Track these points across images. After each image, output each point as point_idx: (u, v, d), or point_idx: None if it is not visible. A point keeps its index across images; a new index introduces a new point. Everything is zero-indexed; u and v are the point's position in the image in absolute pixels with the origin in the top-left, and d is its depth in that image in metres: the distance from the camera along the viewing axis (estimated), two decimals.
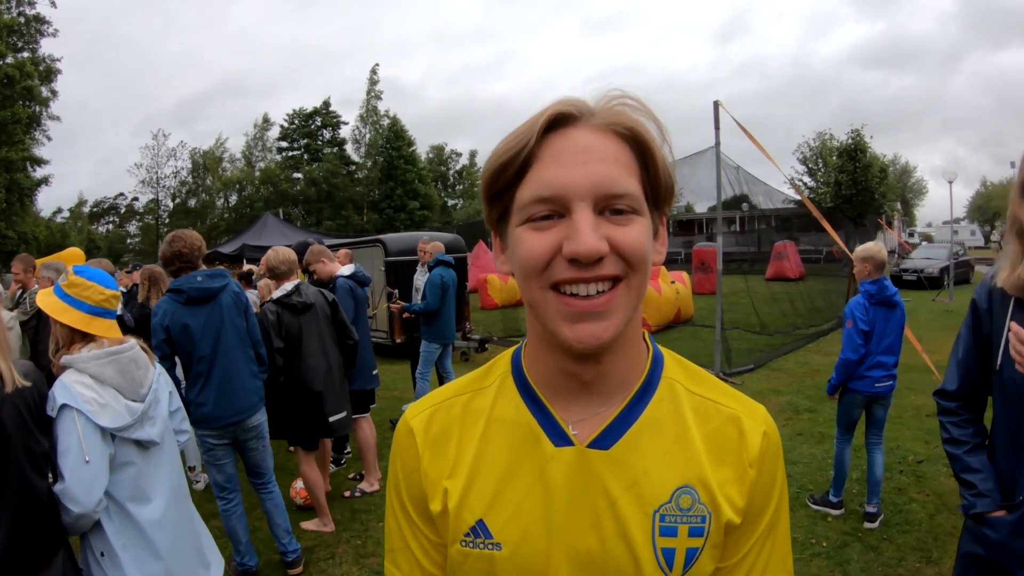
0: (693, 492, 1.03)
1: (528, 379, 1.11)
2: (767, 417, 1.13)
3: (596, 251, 0.91)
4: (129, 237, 61.88)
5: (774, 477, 1.10)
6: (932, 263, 25.69)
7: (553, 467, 1.04)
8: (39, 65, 38.98)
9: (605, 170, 0.94)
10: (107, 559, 2.70)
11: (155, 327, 4.43)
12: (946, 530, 5.05)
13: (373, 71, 59.67)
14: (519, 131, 0.98)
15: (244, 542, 4.77)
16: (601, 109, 0.99)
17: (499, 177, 0.99)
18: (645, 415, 1.06)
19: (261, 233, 23.17)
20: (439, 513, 1.10)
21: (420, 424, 1.15)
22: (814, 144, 42.61)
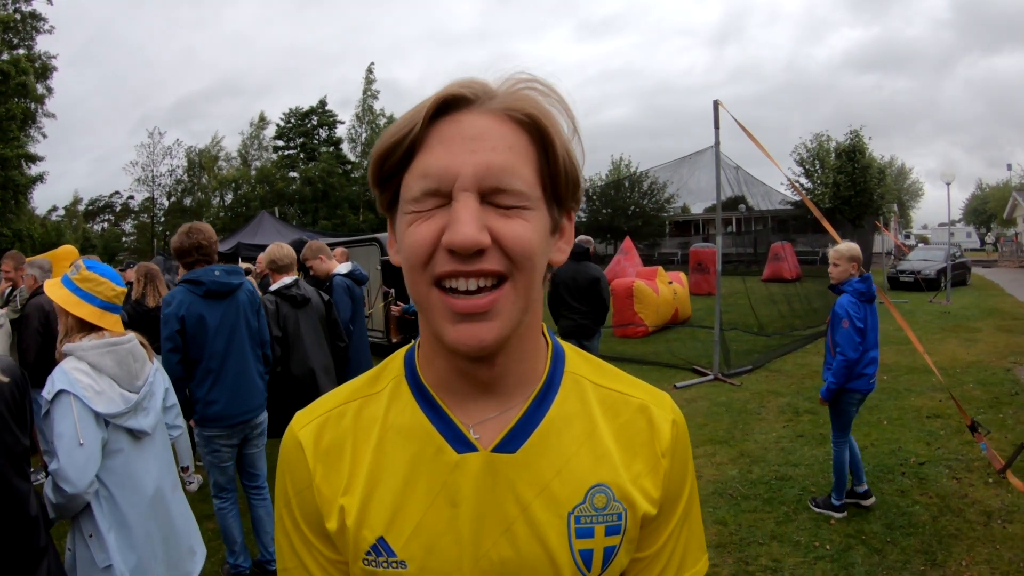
0: (607, 490, 1.00)
1: (423, 382, 1.04)
2: (673, 405, 1.11)
3: (474, 242, 0.85)
4: (124, 235, 61.87)
5: (685, 464, 1.09)
6: (929, 265, 25.75)
7: (457, 476, 0.98)
8: (35, 62, 38.94)
9: (495, 159, 0.88)
10: (95, 540, 2.77)
11: (168, 317, 4.34)
12: (950, 532, 5.00)
13: (369, 70, 59.85)
14: (409, 114, 0.91)
15: (239, 543, 4.70)
16: (503, 93, 0.92)
17: (384, 162, 0.93)
18: (551, 413, 1.02)
19: (257, 231, 23.13)
20: (336, 531, 1.01)
21: (309, 436, 1.06)
22: (811, 146, 42.62)
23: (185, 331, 4.38)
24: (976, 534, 4.96)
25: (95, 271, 2.98)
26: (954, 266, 24.02)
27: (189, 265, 4.53)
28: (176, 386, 4.28)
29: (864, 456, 6.59)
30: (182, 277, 4.51)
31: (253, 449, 4.80)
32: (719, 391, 9.85)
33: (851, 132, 39.23)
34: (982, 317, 16.81)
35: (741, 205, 17.95)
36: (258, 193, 57.17)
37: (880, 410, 8.31)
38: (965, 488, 5.79)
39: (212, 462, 4.57)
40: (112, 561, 2.77)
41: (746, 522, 5.30)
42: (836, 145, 40.13)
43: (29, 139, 39.62)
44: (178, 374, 4.36)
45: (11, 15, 37.76)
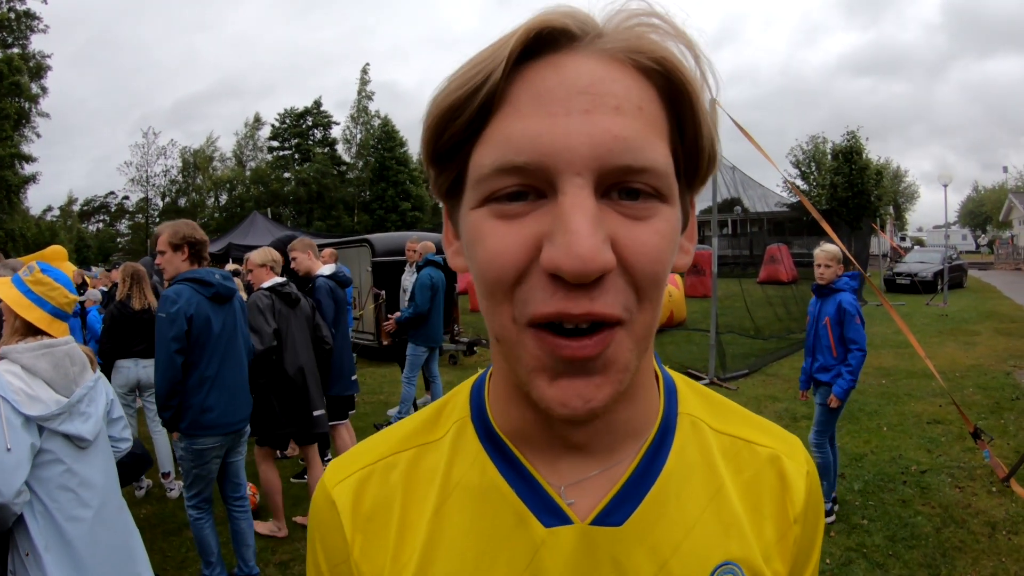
0: (737, 570, 0.74)
1: (496, 430, 0.78)
2: (807, 454, 0.85)
3: (597, 266, 0.58)
4: (119, 236, 61.76)
5: (816, 529, 0.84)
6: (926, 267, 25.72)
7: (546, 555, 0.71)
8: (29, 61, 38.75)
9: (620, 126, 0.60)
10: (31, 559, 2.60)
11: (176, 314, 4.13)
12: (954, 544, 4.85)
13: (364, 71, 59.54)
14: (483, 54, 0.63)
15: (216, 554, 4.53)
16: (614, 29, 0.64)
17: (446, 128, 0.64)
18: (667, 470, 0.76)
19: (248, 232, 23.08)
20: None
21: (347, 495, 0.80)
22: (807, 147, 42.60)
23: (191, 332, 4.21)
24: (981, 546, 4.81)
25: (48, 275, 2.84)
26: (951, 268, 23.99)
27: (198, 257, 4.40)
28: (174, 391, 4.18)
29: (864, 464, 6.49)
30: (184, 274, 4.29)
31: (236, 457, 4.65)
32: None
33: (848, 133, 39.17)
34: (980, 320, 16.75)
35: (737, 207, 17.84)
36: (252, 194, 57.00)
37: (880, 416, 8.19)
38: (968, 497, 5.64)
39: (198, 473, 4.38)
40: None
41: None
42: (833, 146, 40.08)
43: (23, 139, 39.40)
44: (179, 377, 4.20)
45: (5, 14, 37.55)
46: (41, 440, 2.63)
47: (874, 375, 10.57)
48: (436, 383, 8.49)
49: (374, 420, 8.64)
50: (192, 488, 4.42)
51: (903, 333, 6.06)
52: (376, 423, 8.43)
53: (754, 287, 18.24)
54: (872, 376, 10.48)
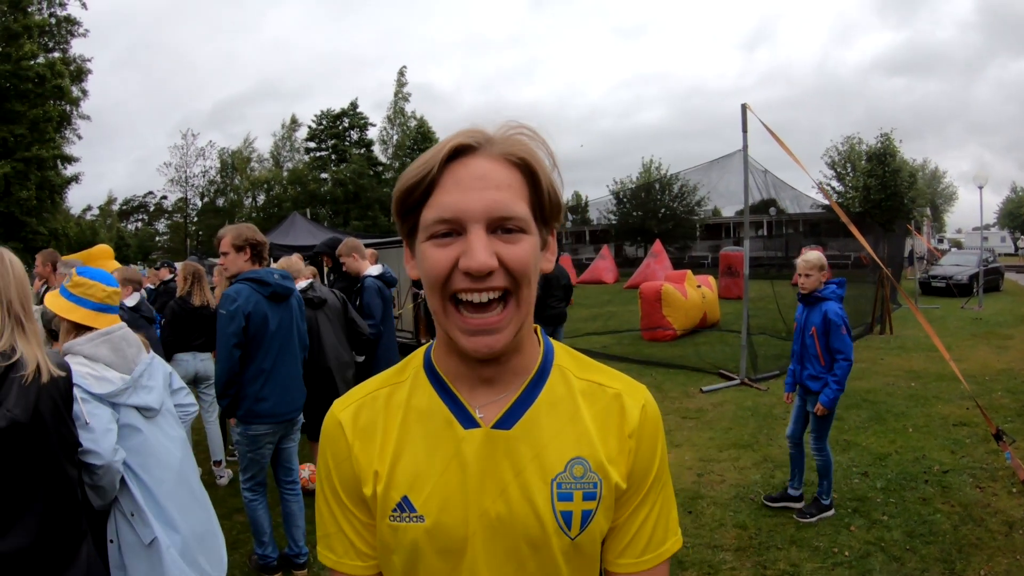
0: (584, 462, 1.21)
1: (439, 372, 1.26)
2: (647, 393, 1.32)
3: (486, 266, 1.07)
4: (158, 235, 62.65)
5: (654, 444, 1.29)
6: (962, 270, 25.28)
7: (465, 447, 1.20)
8: (70, 65, 39.53)
9: (498, 196, 1.09)
10: (136, 518, 2.90)
11: (235, 312, 4.46)
12: (971, 541, 4.99)
13: (401, 72, 59.99)
14: (425, 158, 1.12)
15: (268, 534, 4.83)
16: (499, 139, 1.14)
17: (407, 198, 1.14)
18: (540, 398, 1.24)
19: (288, 232, 23.23)
20: (371, 495, 1.23)
21: (348, 417, 1.29)
22: (842, 148, 42.25)
23: (248, 328, 4.52)
24: (997, 544, 4.95)
25: (85, 275, 3.13)
26: (987, 271, 23.71)
27: (259, 258, 4.69)
28: (232, 381, 4.51)
29: (888, 463, 6.63)
30: (244, 274, 4.61)
31: (290, 444, 4.96)
32: (746, 395, 9.86)
33: (881, 135, 38.89)
34: (1015, 324, 16.61)
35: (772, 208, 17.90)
36: (290, 194, 57.70)
37: (906, 417, 8.29)
38: (988, 497, 5.77)
39: (252, 458, 4.70)
40: (156, 534, 2.88)
41: (766, 527, 5.34)
42: (867, 148, 39.79)
43: (65, 140, 40.24)
44: (237, 370, 4.52)
45: (46, 19, 38.37)
46: (120, 415, 2.94)
47: (904, 377, 10.64)
48: None
49: None
50: (247, 471, 4.74)
51: (931, 337, 6.21)
52: None
53: (787, 289, 18.21)
54: (901, 379, 10.57)
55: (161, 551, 2.89)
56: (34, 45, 36.65)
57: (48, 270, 6.84)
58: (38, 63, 36.98)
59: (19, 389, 2.30)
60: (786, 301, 16.03)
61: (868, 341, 14.71)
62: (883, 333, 15.46)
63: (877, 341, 14.65)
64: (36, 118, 36.45)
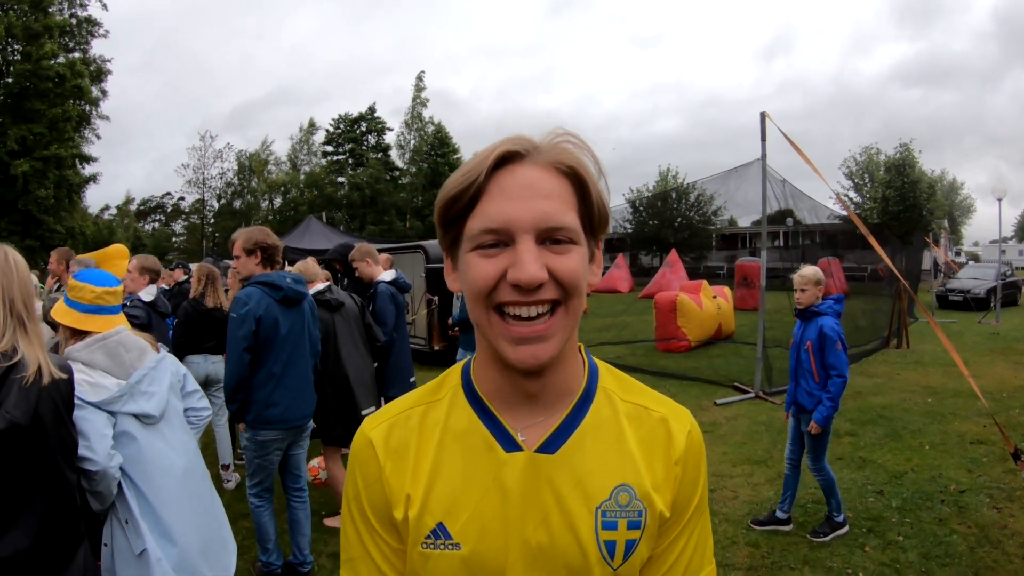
0: (630, 490, 1.17)
1: (478, 391, 1.21)
2: (691, 419, 1.27)
3: (537, 279, 1.03)
4: (175, 236, 62.99)
5: (698, 472, 1.25)
6: (979, 283, 25.02)
7: (506, 471, 1.15)
8: (90, 65, 39.81)
9: (547, 206, 1.05)
10: (130, 526, 2.88)
11: (245, 315, 4.44)
12: (987, 564, 4.91)
13: (419, 77, 60.13)
14: (470, 165, 1.08)
15: (273, 541, 4.81)
16: (546, 146, 1.10)
17: (451, 208, 1.09)
18: (586, 421, 1.19)
19: (304, 235, 23.32)
20: (402, 520, 1.18)
21: (379, 436, 1.23)
22: (860, 159, 42.03)
23: (258, 332, 4.49)
24: (1014, 567, 4.87)
25: (78, 279, 3.11)
26: (1005, 285, 23.48)
27: (271, 262, 4.68)
28: (241, 386, 4.49)
29: (903, 482, 6.54)
30: (256, 278, 4.59)
31: (299, 450, 4.94)
32: (760, 409, 9.78)
33: (900, 146, 38.68)
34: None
35: (789, 219, 17.75)
36: (307, 197, 57.80)
37: (923, 434, 8.19)
38: (1006, 518, 5.68)
39: (260, 464, 4.68)
40: (147, 546, 2.85)
41: (779, 545, 5.27)
42: (885, 159, 39.57)
43: (84, 140, 40.52)
44: (246, 374, 4.50)
45: (67, 20, 38.69)
46: (117, 423, 2.91)
47: (920, 393, 10.53)
48: None
49: None
50: (255, 477, 4.71)
51: (950, 352, 6.12)
52: None
53: None
54: (918, 395, 10.45)
55: (151, 563, 2.87)
56: (55, 45, 36.93)
57: (62, 268, 6.87)
58: (58, 63, 37.26)
59: (19, 391, 2.29)
60: None
61: (885, 355, 14.57)
62: (900, 347, 15.31)
63: (894, 355, 14.49)
64: (55, 117, 36.72)
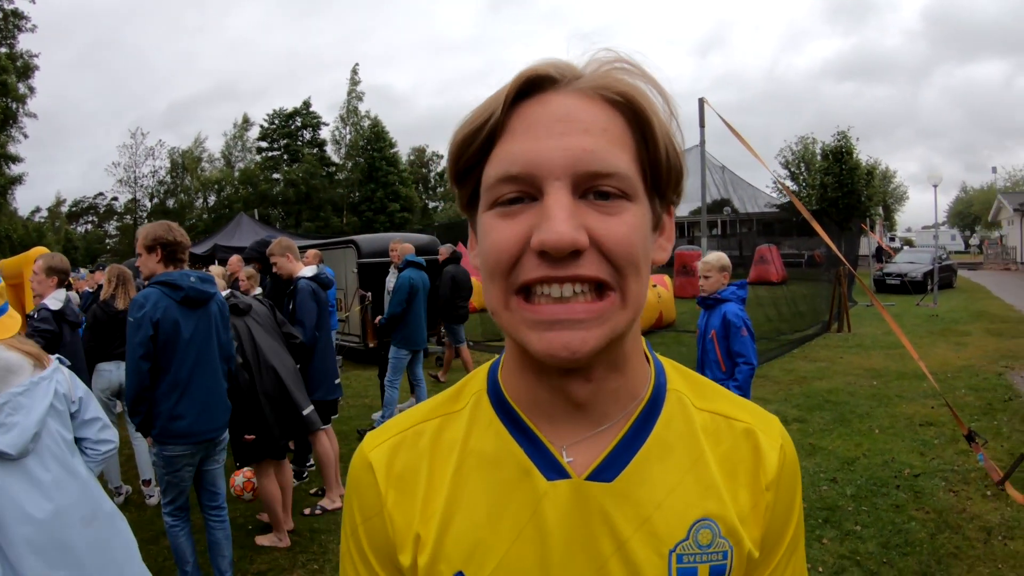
0: (713, 525, 0.87)
1: (508, 399, 0.92)
2: (782, 429, 0.97)
3: (570, 241, 0.73)
4: (108, 237, 61.56)
5: (793, 498, 0.95)
6: (916, 267, 25.72)
7: (547, 505, 0.85)
8: (16, 61, 38.50)
9: (588, 143, 0.76)
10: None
11: (141, 320, 3.99)
12: (949, 551, 4.74)
13: (354, 71, 59.50)
14: (489, 98, 0.81)
15: (191, 563, 4.40)
16: (591, 73, 0.81)
17: (463, 152, 0.83)
18: (653, 437, 0.89)
19: (235, 233, 23.03)
20: (410, 566, 0.89)
21: (381, 458, 0.94)
22: (796, 148, 42.62)
23: (157, 337, 4.07)
24: (976, 552, 4.71)
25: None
26: (940, 269, 23.95)
27: (174, 259, 4.24)
28: (142, 396, 4.05)
29: (856, 467, 6.40)
30: (156, 277, 4.17)
31: (214, 465, 4.51)
32: None
33: (839, 133, 39.20)
34: (970, 320, 16.74)
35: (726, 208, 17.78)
36: (241, 195, 56.74)
37: (871, 418, 8.10)
38: (963, 502, 5.54)
39: (171, 481, 4.25)
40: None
41: None
42: (823, 147, 40.13)
43: (9, 139, 39.13)
44: (146, 383, 4.06)
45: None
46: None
47: (864, 376, 10.52)
48: (420, 386, 8.37)
49: (358, 424, 8.48)
50: (167, 495, 4.31)
51: (893, 334, 5.99)
52: (360, 428, 8.26)
53: None
54: (863, 377, 10.44)
55: None
56: None
57: None
58: None
59: None
60: None
61: (826, 340, 14.67)
62: (841, 331, 15.42)
63: (835, 339, 14.58)
64: None
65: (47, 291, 5.57)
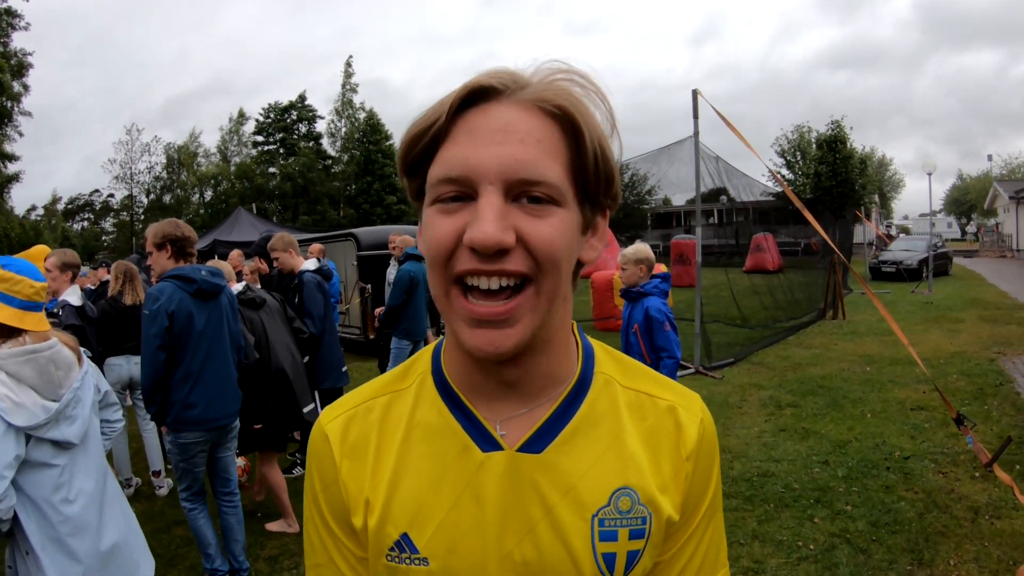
0: (632, 493, 0.98)
1: (448, 380, 1.03)
2: (703, 406, 1.08)
3: (496, 242, 0.83)
4: (104, 234, 61.55)
5: (711, 467, 1.07)
6: (911, 255, 25.82)
7: (483, 474, 0.97)
8: (10, 59, 38.49)
9: (521, 152, 0.85)
10: (31, 557, 2.63)
11: (157, 312, 4.16)
12: (937, 529, 4.89)
13: (348, 63, 59.57)
14: (436, 104, 0.90)
15: (214, 545, 4.56)
16: (536, 83, 0.90)
17: (410, 151, 0.92)
18: (579, 415, 1.00)
19: (233, 228, 23.05)
20: (362, 528, 1.01)
21: (336, 430, 1.05)
22: (792, 137, 42.67)
23: (172, 328, 4.23)
24: (963, 531, 4.86)
25: (10, 269, 2.72)
26: (936, 256, 24.08)
27: (184, 254, 4.41)
28: (158, 386, 4.22)
29: (848, 450, 6.54)
30: (169, 272, 4.33)
31: (225, 453, 4.68)
32: (700, 384, 9.75)
33: (832, 122, 39.27)
34: (965, 307, 16.84)
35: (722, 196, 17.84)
36: (237, 189, 56.80)
37: (864, 403, 8.24)
38: (951, 483, 5.69)
39: (185, 467, 4.42)
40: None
41: (727, 521, 5.12)
42: (817, 136, 40.18)
43: (5, 138, 39.15)
44: (162, 373, 4.23)
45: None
46: (28, 447, 2.61)
47: (858, 363, 10.65)
48: None
49: None
50: (183, 481, 4.47)
51: (887, 321, 6.09)
52: None
53: (740, 276, 18.28)
54: (856, 364, 10.57)
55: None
56: None
57: None
58: None
59: None
60: (739, 288, 16.06)
61: (821, 327, 14.80)
62: (836, 318, 15.54)
63: (830, 327, 14.71)
64: None
65: (63, 287, 5.68)
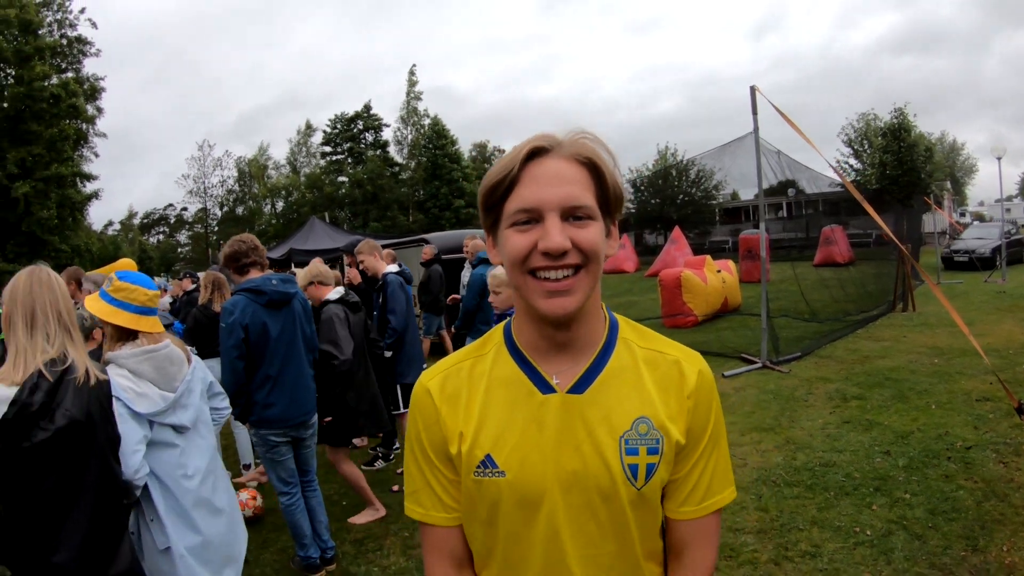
0: (648, 421, 1.40)
1: (517, 345, 1.47)
2: (702, 360, 1.51)
3: (562, 247, 1.28)
4: (180, 246, 63.27)
5: (709, 405, 1.48)
6: (984, 243, 24.72)
7: (543, 410, 1.40)
8: (83, 84, 40.09)
9: (570, 190, 1.30)
10: (155, 524, 3.05)
11: (232, 325, 4.56)
12: (994, 517, 4.97)
13: (411, 72, 60.12)
14: (506, 160, 1.35)
15: (308, 535, 4.93)
16: (567, 142, 1.35)
17: (492, 194, 1.36)
18: (609, 366, 1.44)
19: (308, 237, 23.47)
20: (456, 454, 1.43)
21: (436, 385, 1.49)
22: (858, 126, 41.89)
23: (248, 339, 4.61)
24: (1021, 519, 4.91)
25: (126, 280, 3.20)
26: (1010, 243, 23.24)
27: (242, 269, 4.77)
28: (240, 391, 4.62)
29: (910, 441, 6.60)
30: (240, 286, 4.72)
31: (306, 449, 5.06)
32: (767, 379, 9.81)
33: (895, 110, 38.52)
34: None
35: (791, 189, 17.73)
36: (308, 199, 57.96)
37: (930, 394, 8.23)
38: (1012, 472, 5.73)
39: (272, 459, 4.83)
40: (171, 543, 3.03)
41: (788, 508, 5.34)
42: (882, 124, 39.42)
43: (82, 159, 40.88)
44: (243, 380, 4.64)
45: (57, 40, 39.09)
46: (153, 431, 3.06)
47: (927, 355, 10.52)
48: None
49: None
50: (274, 473, 4.89)
51: (961, 312, 6.13)
52: None
53: (808, 270, 18.11)
54: (925, 356, 10.45)
55: (174, 558, 3.04)
56: (46, 66, 37.30)
57: (73, 287, 6.95)
58: (51, 84, 37.68)
59: (74, 391, 2.52)
60: (808, 282, 15.94)
61: (891, 319, 14.54)
62: (906, 310, 15.28)
63: (900, 319, 14.46)
64: (52, 137, 37.29)
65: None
